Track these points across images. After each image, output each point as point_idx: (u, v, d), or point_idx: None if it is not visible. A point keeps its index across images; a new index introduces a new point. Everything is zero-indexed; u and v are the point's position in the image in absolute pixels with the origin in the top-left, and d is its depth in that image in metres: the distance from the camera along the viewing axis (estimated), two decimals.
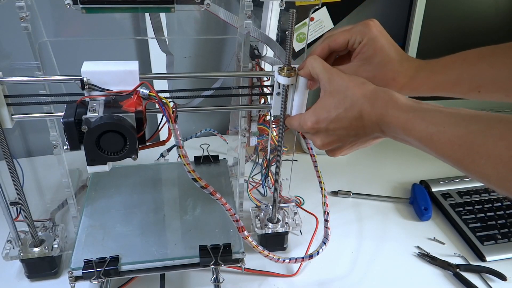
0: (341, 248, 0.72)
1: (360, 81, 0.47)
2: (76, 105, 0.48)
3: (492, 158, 0.34)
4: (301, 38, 0.91)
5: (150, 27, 0.67)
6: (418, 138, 0.41)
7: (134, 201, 0.70)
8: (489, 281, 0.67)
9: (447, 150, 0.38)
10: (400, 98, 0.44)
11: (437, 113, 0.40)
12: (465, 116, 0.38)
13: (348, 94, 0.46)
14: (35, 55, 0.52)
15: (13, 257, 0.61)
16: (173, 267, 0.60)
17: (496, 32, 0.93)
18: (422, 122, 0.40)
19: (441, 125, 0.39)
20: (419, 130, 0.41)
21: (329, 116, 0.48)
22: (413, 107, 0.42)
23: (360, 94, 0.46)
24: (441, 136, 0.38)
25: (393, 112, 0.43)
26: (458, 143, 0.37)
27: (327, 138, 0.50)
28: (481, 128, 0.36)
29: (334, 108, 0.47)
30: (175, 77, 0.68)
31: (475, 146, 0.36)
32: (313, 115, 0.50)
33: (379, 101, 0.45)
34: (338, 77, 0.48)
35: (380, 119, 0.44)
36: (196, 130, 0.90)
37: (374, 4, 1.01)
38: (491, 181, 0.35)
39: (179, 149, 0.48)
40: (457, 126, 0.38)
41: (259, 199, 0.81)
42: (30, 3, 0.50)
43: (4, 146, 0.53)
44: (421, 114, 0.41)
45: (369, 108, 0.45)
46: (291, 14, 0.50)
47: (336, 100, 0.47)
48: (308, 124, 0.50)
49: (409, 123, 0.41)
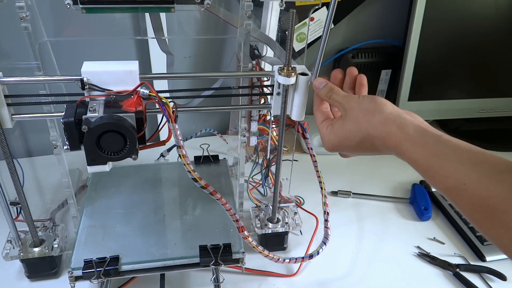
0: (341, 248, 0.72)
1: (371, 110, 0.46)
2: (76, 105, 0.48)
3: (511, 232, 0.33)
4: (301, 38, 0.91)
5: (150, 27, 0.67)
6: (438, 187, 0.40)
7: (134, 201, 0.70)
8: (489, 281, 0.67)
9: (467, 208, 0.37)
10: (413, 135, 0.42)
11: (458, 164, 0.38)
12: (488, 170, 0.36)
13: (361, 128, 0.46)
14: (35, 55, 0.52)
15: (13, 257, 0.61)
16: (173, 267, 0.60)
17: (496, 32, 0.93)
18: (442, 172, 0.39)
19: (463, 181, 0.37)
20: (438, 180, 0.39)
21: (345, 144, 0.49)
22: (429, 152, 0.40)
23: (370, 129, 0.45)
24: (462, 192, 0.37)
25: (409, 155, 0.42)
26: (479, 205, 0.35)
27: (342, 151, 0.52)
28: (504, 193, 0.34)
29: (351, 138, 0.48)
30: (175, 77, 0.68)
31: (496, 212, 0.34)
32: (331, 139, 0.50)
33: (391, 139, 0.44)
34: (353, 104, 0.48)
35: (396, 153, 0.44)
36: (196, 130, 0.90)
37: (374, 4, 1.01)
38: (508, 251, 0.34)
39: (179, 149, 0.48)
40: (480, 185, 0.36)
41: (259, 199, 0.81)
42: (30, 3, 0.50)
43: (4, 146, 0.53)
44: (440, 163, 0.39)
45: (382, 145, 0.45)
46: (291, 14, 0.50)
47: (351, 129, 0.48)
48: (328, 146, 0.51)
49: (430, 170, 0.40)
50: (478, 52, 0.95)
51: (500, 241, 0.35)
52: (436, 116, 1.06)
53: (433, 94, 0.98)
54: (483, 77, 0.99)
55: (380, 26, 1.04)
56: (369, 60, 1.02)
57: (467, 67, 0.97)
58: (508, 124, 1.09)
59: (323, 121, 0.53)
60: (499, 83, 1.00)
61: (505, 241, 0.34)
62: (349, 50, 1.02)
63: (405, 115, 0.45)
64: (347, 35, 1.04)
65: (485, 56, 0.96)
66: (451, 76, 0.98)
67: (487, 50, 0.95)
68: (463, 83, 0.99)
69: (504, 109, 1.03)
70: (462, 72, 0.97)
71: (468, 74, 0.98)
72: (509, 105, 1.02)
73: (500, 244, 0.35)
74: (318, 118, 0.54)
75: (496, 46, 0.95)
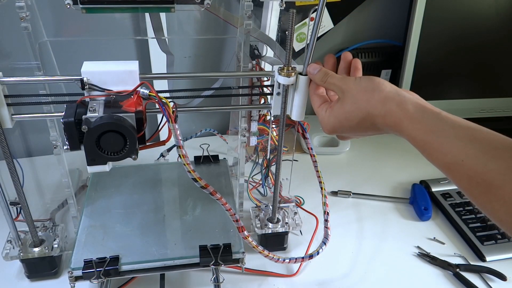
0: (341, 248, 0.72)
1: (369, 89, 0.46)
2: (76, 105, 0.48)
3: (508, 205, 0.34)
4: (301, 38, 0.91)
5: (150, 27, 0.67)
6: (436, 163, 0.40)
7: (134, 201, 0.70)
8: (489, 281, 0.67)
9: (464, 184, 0.38)
10: (413, 112, 0.43)
11: (456, 141, 0.39)
12: (485, 146, 0.37)
13: (360, 107, 0.46)
14: (35, 55, 0.52)
15: (13, 257, 0.61)
16: (173, 267, 0.60)
17: (496, 32, 0.93)
18: (440, 148, 0.39)
19: (460, 157, 0.38)
20: (436, 156, 0.40)
21: (346, 124, 0.49)
22: (428, 128, 0.41)
23: (369, 108, 0.45)
24: (459, 168, 0.38)
25: (409, 131, 0.42)
26: (476, 180, 0.36)
27: (342, 133, 0.51)
28: (500, 169, 0.35)
29: (351, 119, 0.48)
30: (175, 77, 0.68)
31: (492, 188, 0.35)
32: (331, 120, 0.50)
33: (391, 117, 0.44)
34: (351, 85, 0.48)
35: (396, 131, 0.44)
36: (196, 130, 0.90)
37: (374, 4, 1.01)
38: (503, 225, 0.35)
39: (179, 149, 0.48)
40: (476, 160, 0.36)
41: (259, 199, 0.81)
42: (30, 3, 0.50)
43: (4, 146, 0.53)
44: (439, 140, 0.40)
45: (382, 123, 0.45)
46: (291, 14, 0.50)
47: (350, 109, 0.47)
48: (328, 128, 0.51)
49: (428, 146, 0.41)
50: (478, 52, 0.95)
51: (496, 215, 0.36)
52: None
53: (433, 94, 0.98)
54: (483, 77, 0.99)
55: (380, 26, 1.04)
56: (369, 60, 1.02)
57: (467, 67, 0.97)
58: (508, 124, 1.09)
59: (321, 105, 0.52)
60: (499, 83, 1.00)
61: (501, 215, 0.35)
62: (349, 50, 1.02)
63: (404, 93, 0.45)
64: (347, 35, 1.04)
65: (485, 56, 0.96)
66: (451, 76, 0.98)
67: (487, 50, 0.95)
68: (463, 83, 0.99)
69: (504, 109, 1.03)
70: (462, 72, 0.97)
71: (468, 74, 0.98)
72: (509, 105, 1.02)
73: (496, 218, 0.36)
74: (316, 102, 0.53)
75: (496, 46, 0.95)
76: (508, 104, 1.02)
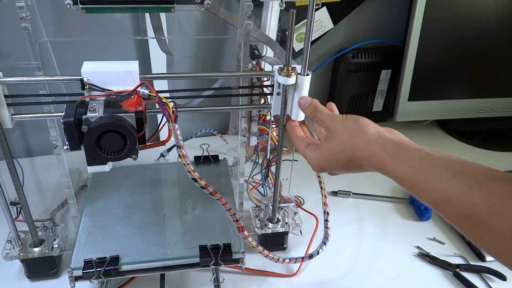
0: (341, 248, 0.72)
1: (354, 132, 0.47)
2: (76, 105, 0.48)
3: (497, 237, 0.34)
4: (301, 38, 0.91)
5: (150, 27, 0.67)
6: (424, 201, 0.41)
7: (134, 201, 0.70)
8: (489, 281, 0.67)
9: (454, 219, 0.38)
10: (396, 154, 0.44)
11: (440, 177, 0.39)
12: (468, 180, 0.37)
13: (346, 149, 0.48)
14: (35, 55, 0.52)
15: (13, 257, 0.61)
16: (173, 267, 0.60)
17: (496, 32, 0.93)
18: (426, 187, 0.40)
19: (446, 193, 0.38)
20: (424, 195, 0.41)
21: (334, 164, 0.50)
22: (412, 168, 0.42)
23: (355, 151, 0.47)
24: (447, 204, 0.38)
25: (394, 173, 0.43)
26: (465, 215, 0.36)
27: (331, 171, 0.53)
28: (485, 202, 0.35)
29: (338, 159, 0.49)
30: (175, 77, 0.68)
31: (481, 221, 0.35)
32: (319, 160, 0.52)
33: (376, 160, 0.45)
34: (337, 125, 0.50)
35: (382, 172, 0.45)
36: (196, 130, 0.90)
37: (374, 4, 1.01)
38: (497, 257, 0.35)
39: (179, 149, 0.48)
40: (462, 196, 0.37)
41: (259, 199, 0.81)
42: (30, 3, 0.50)
43: (4, 146, 0.53)
44: (424, 179, 0.40)
45: (368, 165, 0.46)
46: (291, 14, 0.50)
47: (337, 150, 0.49)
48: (316, 167, 0.53)
49: (415, 186, 0.41)
50: (478, 52, 0.95)
51: (488, 247, 0.36)
52: (436, 116, 1.06)
53: (433, 94, 0.98)
54: (483, 77, 0.99)
55: (380, 26, 1.04)
56: (369, 60, 1.02)
57: (467, 67, 0.97)
58: (508, 124, 1.09)
59: (308, 146, 0.54)
60: (499, 83, 1.00)
61: (493, 247, 0.35)
62: (349, 50, 1.02)
63: (386, 134, 0.46)
64: (347, 35, 1.04)
65: (485, 56, 0.96)
66: (451, 76, 0.98)
67: (487, 50, 0.95)
68: (463, 83, 0.99)
69: (504, 109, 1.03)
70: (462, 72, 0.97)
71: (468, 74, 0.98)
72: (509, 105, 1.02)
73: (489, 251, 0.36)
74: (299, 145, 0.55)
75: (496, 46, 0.95)
76: (508, 104, 1.02)
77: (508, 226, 0.34)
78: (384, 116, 1.12)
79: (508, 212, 0.34)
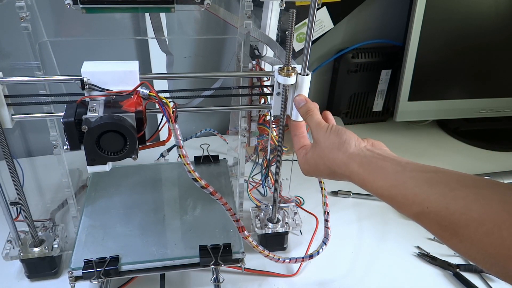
0: (341, 248, 0.72)
1: (335, 148, 0.49)
2: (76, 105, 0.48)
3: (476, 243, 0.34)
4: (301, 38, 0.91)
5: (150, 27, 0.67)
6: (406, 214, 0.42)
7: (134, 201, 0.70)
8: (489, 281, 0.67)
9: (435, 230, 0.39)
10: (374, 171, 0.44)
11: (417, 190, 0.40)
12: (443, 189, 0.38)
13: (327, 164, 0.49)
14: (35, 55, 0.52)
15: (13, 257, 0.61)
16: (173, 267, 0.60)
17: (496, 32, 0.93)
18: (405, 201, 0.41)
19: (424, 204, 0.38)
20: (404, 209, 0.41)
21: (318, 173, 0.53)
22: (390, 183, 0.42)
23: (335, 167, 0.48)
24: (426, 215, 0.39)
25: (374, 189, 0.44)
26: (444, 224, 0.37)
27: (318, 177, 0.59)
28: (461, 209, 0.36)
29: (321, 170, 0.51)
30: (175, 77, 0.68)
31: (459, 229, 0.36)
32: (305, 166, 0.54)
33: (355, 178, 0.46)
34: (321, 137, 0.51)
35: (363, 188, 0.46)
36: (196, 130, 0.90)
37: (374, 4, 1.01)
38: (478, 263, 0.36)
39: (179, 149, 0.48)
40: (439, 205, 0.37)
41: (259, 199, 0.81)
42: (30, 3, 0.50)
43: (4, 146, 0.53)
44: (402, 193, 0.41)
45: (349, 180, 0.47)
46: (291, 14, 0.50)
47: (319, 162, 0.51)
48: (303, 172, 0.54)
49: (393, 201, 0.42)
50: (478, 52, 0.95)
51: (469, 254, 0.36)
52: (436, 116, 1.06)
53: (433, 94, 0.98)
54: (483, 77, 0.99)
55: (380, 26, 1.04)
56: (369, 60, 1.02)
57: (467, 67, 0.97)
58: (508, 124, 1.09)
59: (300, 148, 0.55)
60: (499, 83, 1.00)
61: (473, 254, 0.35)
62: (349, 50, 1.02)
63: (365, 151, 0.47)
64: (347, 35, 1.04)
65: (485, 56, 0.96)
66: (451, 76, 0.98)
67: (487, 50, 0.95)
68: (463, 83, 0.99)
69: (504, 109, 1.03)
70: (462, 72, 0.97)
71: (468, 74, 0.98)
72: (509, 105, 1.02)
73: (470, 257, 0.36)
74: (296, 144, 0.56)
75: (496, 46, 0.95)
76: (508, 104, 1.02)
77: (484, 230, 0.34)
78: (384, 116, 1.12)
79: (483, 217, 0.34)
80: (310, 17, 0.49)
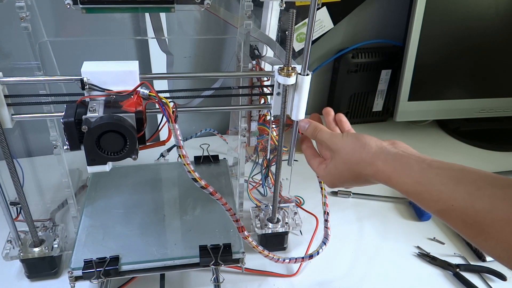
0: (341, 248, 0.72)
1: (357, 150, 0.49)
2: (76, 105, 0.48)
3: (501, 242, 0.35)
4: (301, 38, 0.91)
5: (150, 27, 0.67)
6: (430, 211, 0.42)
7: (134, 201, 0.70)
8: (489, 281, 0.67)
9: (460, 227, 0.39)
10: (398, 168, 0.45)
11: (442, 187, 0.40)
12: (469, 187, 0.38)
13: (351, 168, 0.49)
14: (35, 55, 0.52)
15: (13, 257, 0.61)
16: (173, 267, 0.60)
17: (496, 32, 0.93)
18: (430, 197, 0.41)
19: (450, 202, 0.39)
20: (429, 205, 0.42)
21: (343, 182, 0.52)
22: (415, 180, 0.43)
23: (360, 169, 0.48)
24: (452, 213, 0.39)
25: (399, 186, 0.44)
26: (469, 222, 0.37)
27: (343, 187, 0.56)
28: (486, 208, 0.36)
29: (345, 177, 0.51)
30: (175, 77, 0.68)
31: (485, 227, 0.36)
32: (329, 178, 0.53)
33: (380, 176, 0.46)
34: (339, 145, 0.51)
35: (388, 185, 0.46)
36: (196, 130, 0.90)
37: (374, 4, 1.01)
38: (503, 262, 0.36)
39: (179, 149, 0.48)
40: (465, 203, 0.38)
41: (259, 199, 0.81)
42: (30, 3, 0.50)
43: (4, 146, 0.53)
44: (427, 189, 0.41)
45: (375, 180, 0.48)
46: (291, 14, 0.50)
47: (343, 169, 0.51)
48: (328, 185, 0.55)
49: (419, 197, 0.42)
50: (478, 52, 0.95)
51: (494, 253, 0.36)
52: (436, 116, 1.06)
53: (433, 94, 0.98)
54: (483, 77, 0.99)
55: (380, 26, 1.04)
56: (369, 60, 1.02)
57: (467, 67, 0.97)
58: (508, 124, 1.09)
59: (319, 165, 0.55)
60: (499, 83, 1.00)
61: (498, 253, 0.36)
62: (349, 50, 1.02)
63: (388, 149, 0.47)
64: (347, 35, 1.04)
65: (485, 56, 0.96)
66: (451, 76, 0.98)
67: (487, 50, 0.95)
68: (463, 83, 0.99)
69: (504, 109, 1.03)
70: (462, 72, 0.97)
71: (468, 74, 0.98)
72: (509, 105, 1.02)
73: (495, 256, 0.37)
74: (312, 164, 0.57)
75: (496, 46, 0.95)
76: (508, 104, 1.02)
77: (510, 230, 0.34)
78: (384, 116, 1.12)
79: (509, 216, 0.34)
80: (310, 17, 0.49)
